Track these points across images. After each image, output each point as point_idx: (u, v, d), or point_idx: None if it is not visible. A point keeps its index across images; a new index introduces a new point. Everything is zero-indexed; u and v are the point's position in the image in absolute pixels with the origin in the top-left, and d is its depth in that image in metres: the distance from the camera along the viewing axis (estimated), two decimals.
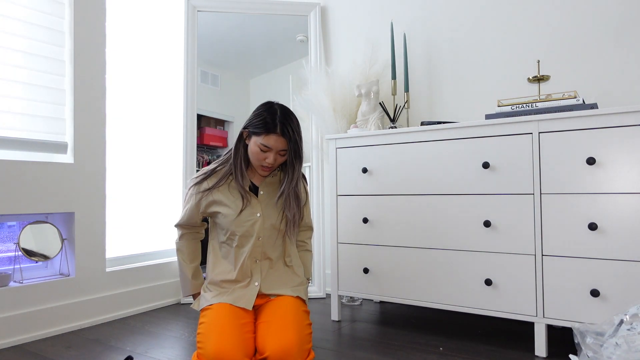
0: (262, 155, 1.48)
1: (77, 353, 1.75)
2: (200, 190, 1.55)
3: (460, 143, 1.81)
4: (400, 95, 2.43)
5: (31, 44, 2.03)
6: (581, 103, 1.65)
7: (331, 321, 2.12)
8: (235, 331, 1.35)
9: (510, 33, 2.20)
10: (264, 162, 1.48)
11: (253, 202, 1.54)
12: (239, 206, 1.51)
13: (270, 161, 1.47)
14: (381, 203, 2.00)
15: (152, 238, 2.57)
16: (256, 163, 1.51)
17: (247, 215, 1.51)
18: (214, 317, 1.39)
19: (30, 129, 2.02)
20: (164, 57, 2.68)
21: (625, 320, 1.30)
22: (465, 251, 1.79)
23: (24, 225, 2.02)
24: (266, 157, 1.47)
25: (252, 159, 1.51)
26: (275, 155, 1.48)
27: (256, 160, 1.50)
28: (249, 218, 1.52)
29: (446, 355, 1.67)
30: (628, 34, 1.94)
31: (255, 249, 1.54)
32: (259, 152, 1.47)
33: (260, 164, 1.50)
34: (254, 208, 1.54)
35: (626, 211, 1.50)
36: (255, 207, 1.54)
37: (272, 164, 1.48)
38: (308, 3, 2.75)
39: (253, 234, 1.52)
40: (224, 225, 1.54)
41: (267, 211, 1.55)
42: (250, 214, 1.52)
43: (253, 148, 1.49)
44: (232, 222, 1.51)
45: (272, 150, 1.47)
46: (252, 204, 1.53)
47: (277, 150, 1.47)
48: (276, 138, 1.45)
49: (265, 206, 1.55)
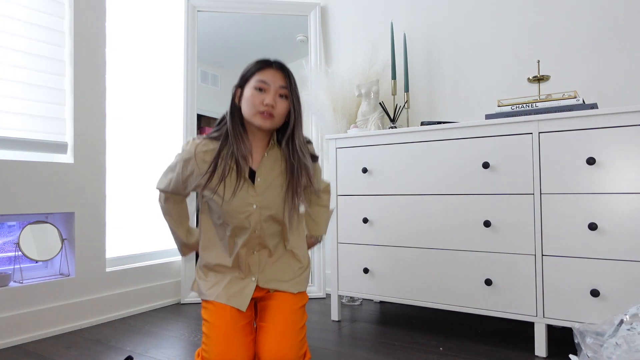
0: (259, 96, 1.28)
1: (77, 353, 1.75)
2: (187, 157, 1.34)
3: (460, 143, 1.81)
4: (400, 95, 2.43)
5: (31, 44, 2.03)
6: (581, 103, 1.65)
7: (331, 321, 2.12)
8: (237, 335, 1.31)
9: (511, 33, 2.20)
10: (262, 106, 1.27)
11: (248, 189, 1.32)
12: (231, 187, 1.30)
13: (270, 101, 1.27)
14: (381, 203, 2.00)
15: (152, 238, 2.57)
16: (253, 111, 1.29)
17: (241, 205, 1.31)
18: (215, 319, 1.34)
19: (30, 129, 2.02)
20: (164, 57, 2.68)
21: (625, 320, 1.30)
22: (465, 251, 1.79)
23: (24, 225, 2.02)
24: (264, 97, 1.27)
25: (249, 109, 1.29)
26: (274, 95, 1.28)
27: (253, 107, 1.28)
28: (243, 209, 1.32)
29: (446, 355, 1.67)
30: (628, 34, 1.94)
31: (252, 241, 1.37)
32: (255, 94, 1.28)
33: (258, 109, 1.28)
34: (249, 197, 1.32)
35: (626, 211, 1.50)
36: (250, 196, 1.32)
37: (273, 104, 1.27)
38: (308, 3, 2.75)
39: (249, 227, 1.33)
40: (215, 209, 1.35)
41: (265, 201, 1.34)
42: (244, 203, 1.31)
43: (248, 94, 1.29)
44: (223, 207, 1.31)
45: (270, 88, 1.28)
46: (247, 192, 1.32)
47: (276, 88, 1.29)
48: (274, 72, 1.30)
49: (264, 194, 1.34)
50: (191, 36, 2.58)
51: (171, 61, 2.71)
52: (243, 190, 1.31)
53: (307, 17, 2.76)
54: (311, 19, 2.75)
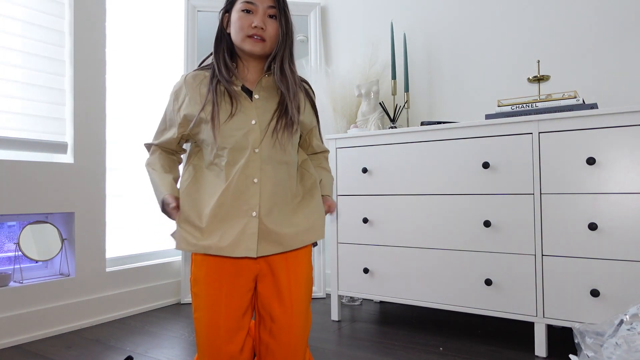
0: (247, 18, 1.18)
1: (77, 353, 1.75)
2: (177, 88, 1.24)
3: (460, 143, 1.81)
4: (400, 95, 2.43)
5: (31, 44, 2.03)
6: (581, 103, 1.65)
7: (331, 321, 2.12)
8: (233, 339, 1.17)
9: (510, 33, 2.20)
10: (250, 29, 1.18)
11: (246, 105, 1.20)
12: (227, 110, 1.18)
13: (259, 22, 1.17)
14: (381, 203, 2.00)
15: (152, 238, 2.57)
16: (242, 35, 1.19)
17: (240, 122, 1.18)
18: (208, 313, 1.16)
19: (30, 129, 2.02)
20: (164, 57, 2.68)
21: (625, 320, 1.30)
22: (465, 251, 1.79)
23: (24, 225, 2.02)
24: (252, 20, 1.18)
25: (237, 33, 1.20)
26: (263, 17, 1.18)
27: (241, 30, 1.19)
28: (240, 126, 1.18)
29: (446, 355, 1.67)
30: (628, 34, 1.94)
31: (251, 165, 1.17)
32: (243, 16, 1.18)
33: (246, 33, 1.18)
34: (248, 114, 1.19)
35: (626, 211, 1.50)
36: (249, 112, 1.19)
37: (262, 26, 1.18)
38: (308, 3, 2.75)
39: (247, 147, 1.17)
40: (208, 139, 1.19)
41: (264, 118, 1.20)
42: (242, 120, 1.18)
43: (235, 17, 1.20)
44: (221, 128, 1.17)
45: (258, 8, 1.18)
46: (245, 109, 1.19)
47: (265, 8, 1.19)
48: None
49: (263, 112, 1.20)
50: (191, 36, 2.58)
51: (171, 61, 2.71)
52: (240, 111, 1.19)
53: (307, 17, 2.76)
54: (311, 19, 2.75)
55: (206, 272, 1.19)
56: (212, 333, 1.16)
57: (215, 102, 1.17)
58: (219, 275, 1.18)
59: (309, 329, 1.26)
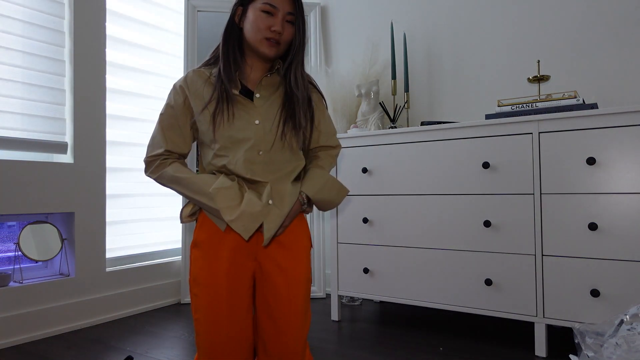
0: (266, 20, 1.17)
1: (77, 353, 1.75)
2: (179, 84, 1.22)
3: (460, 143, 1.81)
4: (400, 95, 2.43)
5: (31, 44, 2.03)
6: (581, 103, 1.65)
7: (331, 321, 2.12)
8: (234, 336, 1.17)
9: (510, 33, 2.20)
10: (269, 32, 1.17)
11: (248, 106, 1.19)
12: (230, 111, 1.18)
13: (278, 27, 1.17)
14: (381, 203, 2.00)
15: (152, 238, 2.57)
16: (259, 36, 1.18)
17: (243, 124, 1.18)
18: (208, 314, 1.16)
19: (30, 129, 2.02)
20: (164, 57, 2.68)
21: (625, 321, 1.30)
22: (466, 251, 1.79)
23: (24, 225, 2.02)
24: (272, 23, 1.17)
25: (254, 33, 1.19)
26: (282, 21, 1.18)
27: (259, 31, 1.18)
28: (245, 126, 1.18)
29: (446, 355, 1.67)
30: (628, 34, 1.94)
31: (254, 148, 1.18)
32: (262, 17, 1.17)
33: (264, 35, 1.17)
34: (251, 114, 1.19)
35: (626, 211, 1.50)
36: (251, 112, 1.19)
37: (281, 31, 1.17)
38: (308, 3, 2.74)
39: (251, 147, 1.18)
40: (207, 140, 1.21)
41: (267, 114, 1.20)
42: (246, 122, 1.18)
43: (254, 17, 1.18)
44: (223, 130, 1.17)
45: (278, 12, 1.17)
46: (248, 109, 1.19)
47: (284, 14, 1.18)
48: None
49: (266, 111, 1.20)
50: (191, 36, 2.58)
51: (171, 61, 2.71)
52: (243, 111, 1.19)
53: (307, 17, 2.75)
54: (311, 19, 2.75)
55: (207, 234, 1.19)
56: (212, 333, 1.16)
57: (219, 101, 1.17)
58: (219, 240, 1.18)
59: (308, 328, 1.27)
